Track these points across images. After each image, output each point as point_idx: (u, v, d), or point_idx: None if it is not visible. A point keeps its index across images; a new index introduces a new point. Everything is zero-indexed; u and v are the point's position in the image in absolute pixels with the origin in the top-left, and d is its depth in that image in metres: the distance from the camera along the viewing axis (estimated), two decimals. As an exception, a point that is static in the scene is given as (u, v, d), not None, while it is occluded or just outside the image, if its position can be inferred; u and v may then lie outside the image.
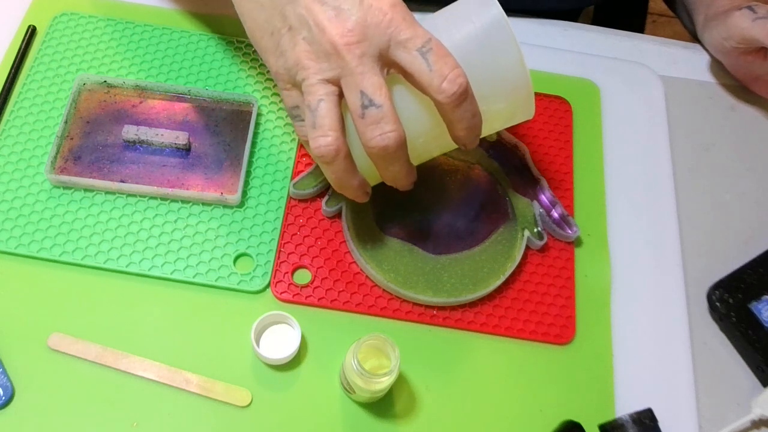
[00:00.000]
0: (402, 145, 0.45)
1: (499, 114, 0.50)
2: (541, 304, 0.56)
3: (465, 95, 0.44)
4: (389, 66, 0.45)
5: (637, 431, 0.48)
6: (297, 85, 0.46)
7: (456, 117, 0.45)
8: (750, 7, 0.62)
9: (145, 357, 0.51)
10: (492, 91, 0.48)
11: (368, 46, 0.43)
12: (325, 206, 0.57)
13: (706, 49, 0.72)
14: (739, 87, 0.70)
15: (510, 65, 0.47)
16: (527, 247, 0.57)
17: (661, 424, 0.49)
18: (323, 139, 0.45)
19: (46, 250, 0.54)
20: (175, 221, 0.56)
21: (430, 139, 0.50)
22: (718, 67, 0.71)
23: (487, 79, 0.47)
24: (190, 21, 0.65)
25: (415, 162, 0.50)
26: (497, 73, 0.48)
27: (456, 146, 0.49)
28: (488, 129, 0.51)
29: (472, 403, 0.52)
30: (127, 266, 0.54)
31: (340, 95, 0.45)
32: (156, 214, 0.56)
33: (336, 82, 0.45)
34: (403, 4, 0.45)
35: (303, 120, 0.48)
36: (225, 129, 0.60)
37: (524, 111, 0.51)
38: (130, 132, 0.58)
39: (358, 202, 0.52)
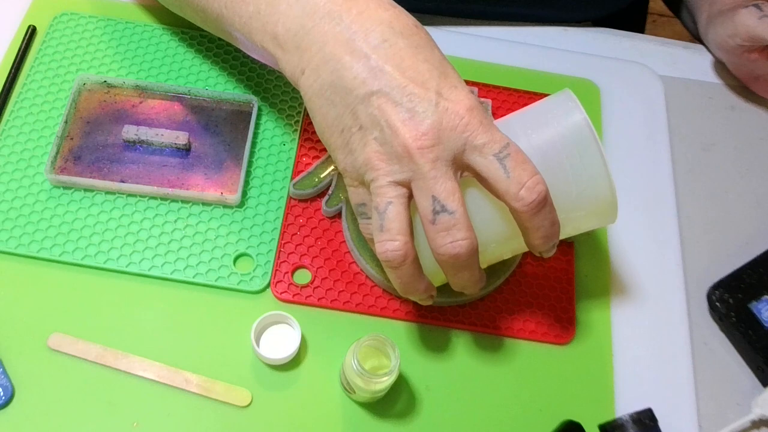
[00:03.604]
0: (474, 253, 0.43)
1: (579, 221, 0.48)
2: (541, 304, 0.56)
3: (544, 203, 0.42)
4: (463, 169, 0.43)
5: (637, 431, 0.48)
6: (365, 184, 0.44)
7: (533, 225, 0.43)
8: (756, 5, 0.62)
9: (145, 357, 0.51)
10: (573, 200, 0.46)
11: (442, 150, 0.42)
12: (325, 206, 0.57)
13: (707, 48, 0.72)
14: (739, 87, 0.70)
15: (593, 174, 0.45)
16: (527, 247, 0.57)
17: (661, 424, 0.49)
18: (391, 243, 0.43)
19: (46, 250, 0.54)
20: (175, 221, 0.56)
21: (503, 244, 0.48)
22: (718, 67, 0.71)
23: (568, 187, 0.45)
24: (190, 22, 0.65)
25: (484, 265, 0.48)
26: (579, 181, 0.45)
27: (527, 250, 0.47)
28: (566, 234, 0.49)
29: (472, 403, 0.52)
30: (127, 266, 0.54)
31: (410, 197, 0.43)
32: (156, 214, 0.56)
33: (406, 185, 0.43)
34: (481, 107, 0.43)
35: (369, 218, 0.46)
36: (225, 129, 0.60)
37: (606, 219, 0.48)
38: (130, 132, 0.58)
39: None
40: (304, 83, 0.46)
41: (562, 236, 0.47)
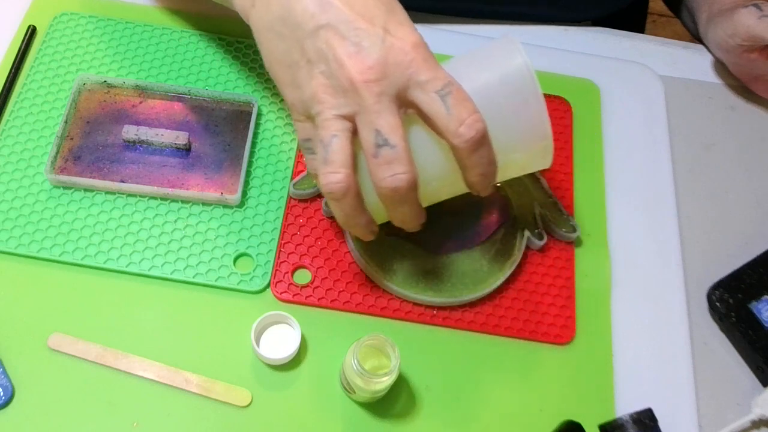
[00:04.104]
0: (413, 187, 0.44)
1: (516, 163, 0.49)
2: (541, 304, 0.56)
3: (482, 141, 0.43)
4: (407, 106, 0.44)
5: (637, 431, 0.48)
6: (311, 118, 0.45)
7: (471, 162, 0.44)
8: (756, 5, 0.62)
9: (145, 357, 0.51)
10: (510, 141, 0.47)
11: (387, 85, 0.42)
12: (325, 206, 0.57)
13: (707, 48, 0.72)
14: (739, 87, 0.70)
15: (531, 117, 0.46)
16: (527, 247, 0.57)
17: (661, 424, 0.49)
18: (334, 175, 0.43)
19: (46, 250, 0.54)
20: (175, 221, 0.56)
21: (442, 182, 0.48)
22: (718, 67, 0.71)
23: (506, 128, 0.46)
24: (190, 21, 0.65)
25: (425, 203, 0.48)
26: (517, 123, 0.46)
27: (468, 190, 0.48)
28: (502, 176, 0.50)
29: (472, 403, 0.52)
30: (127, 266, 0.54)
31: (354, 132, 0.44)
32: (156, 214, 0.56)
33: (351, 119, 0.44)
34: (426, 45, 0.44)
35: (315, 153, 0.47)
36: (225, 129, 0.60)
37: (542, 162, 0.49)
38: (130, 132, 0.58)
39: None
40: (255, 17, 0.46)
41: (501, 178, 0.49)
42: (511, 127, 0.47)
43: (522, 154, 0.48)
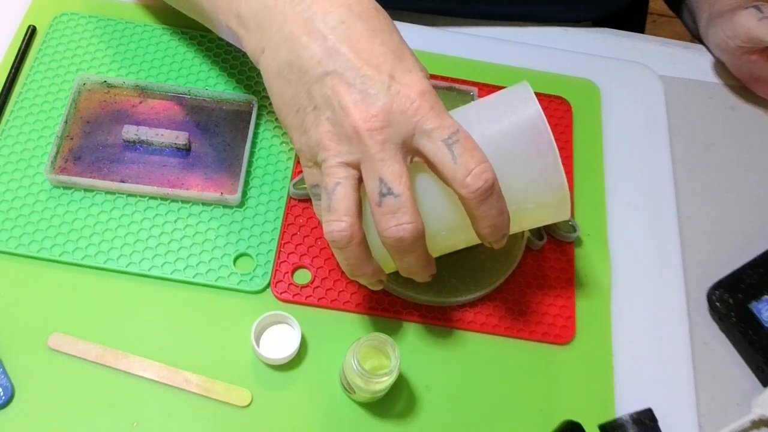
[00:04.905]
0: (419, 237, 0.43)
1: (530, 214, 0.48)
2: (541, 304, 0.56)
3: (490, 191, 0.42)
4: (413, 154, 0.44)
5: (637, 431, 0.48)
6: (318, 164, 0.45)
7: (480, 213, 0.43)
8: (756, 7, 0.62)
9: (145, 357, 0.51)
10: (523, 191, 0.46)
11: (392, 133, 0.42)
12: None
13: (708, 48, 0.72)
14: (739, 87, 0.70)
15: (544, 167, 0.45)
16: (527, 247, 0.57)
17: (661, 424, 0.49)
18: (337, 224, 0.43)
19: (46, 250, 0.54)
20: (175, 221, 0.56)
21: (454, 233, 0.47)
22: (718, 67, 0.71)
23: (518, 178, 0.45)
24: (190, 21, 0.65)
25: (436, 254, 0.48)
26: (530, 173, 0.45)
27: (480, 242, 0.47)
28: (517, 227, 0.49)
29: (472, 403, 0.52)
30: (127, 266, 0.54)
31: (360, 180, 0.43)
32: (156, 214, 0.56)
33: (356, 166, 0.43)
34: (433, 92, 0.43)
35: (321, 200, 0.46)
36: (225, 129, 0.60)
37: (558, 213, 0.48)
38: (130, 132, 0.58)
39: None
40: (264, 62, 0.46)
41: (516, 229, 0.47)
42: (523, 177, 0.45)
43: (536, 204, 0.47)
